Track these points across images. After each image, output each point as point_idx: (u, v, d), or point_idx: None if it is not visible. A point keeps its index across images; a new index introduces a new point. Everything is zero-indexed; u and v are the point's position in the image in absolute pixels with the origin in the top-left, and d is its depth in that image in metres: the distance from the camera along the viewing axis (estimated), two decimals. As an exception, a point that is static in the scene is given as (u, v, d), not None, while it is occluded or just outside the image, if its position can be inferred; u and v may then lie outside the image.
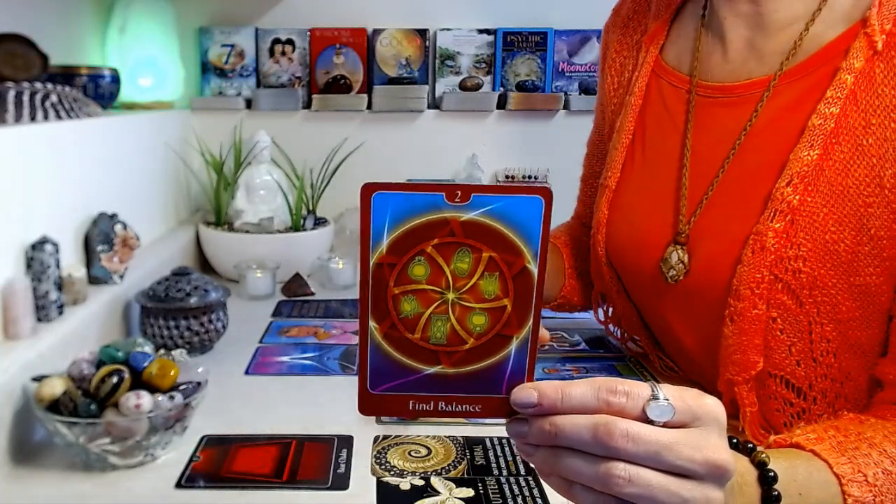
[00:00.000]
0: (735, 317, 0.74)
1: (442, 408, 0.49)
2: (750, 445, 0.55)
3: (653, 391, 0.45)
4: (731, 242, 0.76)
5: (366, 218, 0.44)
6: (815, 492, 0.57)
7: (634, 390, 0.45)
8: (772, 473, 0.53)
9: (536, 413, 0.47)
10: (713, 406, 0.46)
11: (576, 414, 0.45)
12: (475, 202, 0.45)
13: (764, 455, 0.54)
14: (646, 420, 0.45)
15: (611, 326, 1.04)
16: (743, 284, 0.73)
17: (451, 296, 0.46)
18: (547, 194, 0.45)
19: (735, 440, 0.55)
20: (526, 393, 0.47)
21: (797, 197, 0.71)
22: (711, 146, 0.81)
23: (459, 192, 0.44)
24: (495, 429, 0.81)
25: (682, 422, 0.45)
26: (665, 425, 0.45)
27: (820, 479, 0.58)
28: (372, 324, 0.47)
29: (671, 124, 0.86)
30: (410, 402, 0.48)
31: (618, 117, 0.95)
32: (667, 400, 0.45)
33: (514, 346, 0.48)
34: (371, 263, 0.45)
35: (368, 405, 0.49)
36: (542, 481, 0.69)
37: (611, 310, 1.02)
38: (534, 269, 0.46)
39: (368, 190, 0.44)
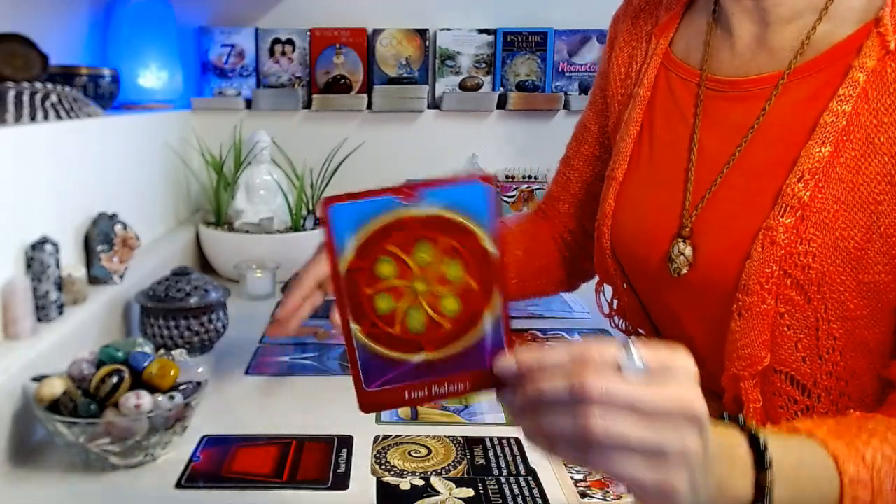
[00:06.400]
0: (743, 311, 0.74)
1: (435, 391, 0.50)
2: (741, 421, 0.56)
3: (625, 349, 0.47)
4: (738, 237, 0.76)
5: (328, 230, 0.47)
6: (809, 468, 0.57)
7: (608, 351, 0.47)
8: (764, 446, 0.53)
9: (518, 380, 0.49)
10: (684, 360, 0.48)
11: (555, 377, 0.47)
12: (424, 196, 0.47)
13: (754, 427, 0.54)
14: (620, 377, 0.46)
15: (615, 318, 1.04)
16: (752, 279, 0.73)
17: (419, 286, 0.49)
18: (488, 179, 0.48)
19: (725, 414, 0.57)
20: (506, 361, 0.49)
21: (808, 193, 0.71)
22: (719, 140, 0.81)
23: (407, 190, 0.47)
24: (495, 429, 0.81)
25: (654, 376, 0.47)
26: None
27: (815, 455, 0.58)
28: (353, 326, 0.49)
29: (680, 117, 0.86)
30: (405, 392, 0.50)
31: (625, 109, 0.95)
32: (639, 357, 0.47)
33: (488, 321, 0.50)
34: (342, 271, 0.48)
35: (367, 403, 0.50)
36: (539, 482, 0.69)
37: (615, 302, 1.01)
38: (490, 247, 0.49)
39: (326, 204, 0.47)
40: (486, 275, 0.49)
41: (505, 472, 0.72)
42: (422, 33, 1.68)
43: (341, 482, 0.70)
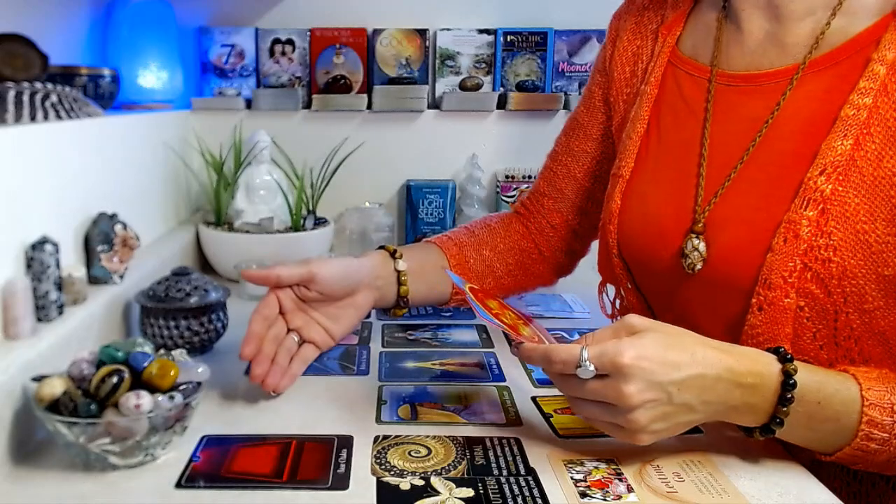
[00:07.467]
0: (765, 306, 0.74)
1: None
2: (789, 356, 0.68)
3: (580, 357, 0.67)
4: (756, 230, 0.75)
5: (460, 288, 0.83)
6: (834, 405, 0.68)
7: (570, 359, 0.68)
8: (792, 381, 0.66)
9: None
10: (626, 361, 0.65)
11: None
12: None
13: (793, 367, 0.67)
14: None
15: (619, 319, 1.03)
16: (774, 273, 0.72)
17: (508, 312, 0.83)
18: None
19: (781, 349, 0.69)
20: (517, 351, 0.78)
21: (830, 186, 0.71)
22: (732, 134, 0.81)
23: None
24: (495, 429, 0.81)
25: (600, 371, 0.67)
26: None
27: (846, 396, 0.68)
28: (499, 324, 0.78)
29: (688, 113, 0.86)
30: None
31: (631, 107, 0.94)
32: (590, 363, 0.67)
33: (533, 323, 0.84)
34: (472, 295, 0.81)
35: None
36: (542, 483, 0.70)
37: (618, 302, 1.01)
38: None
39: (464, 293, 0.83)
40: (522, 318, 0.84)
41: (505, 472, 0.72)
42: (422, 33, 1.68)
43: (341, 482, 0.70)
